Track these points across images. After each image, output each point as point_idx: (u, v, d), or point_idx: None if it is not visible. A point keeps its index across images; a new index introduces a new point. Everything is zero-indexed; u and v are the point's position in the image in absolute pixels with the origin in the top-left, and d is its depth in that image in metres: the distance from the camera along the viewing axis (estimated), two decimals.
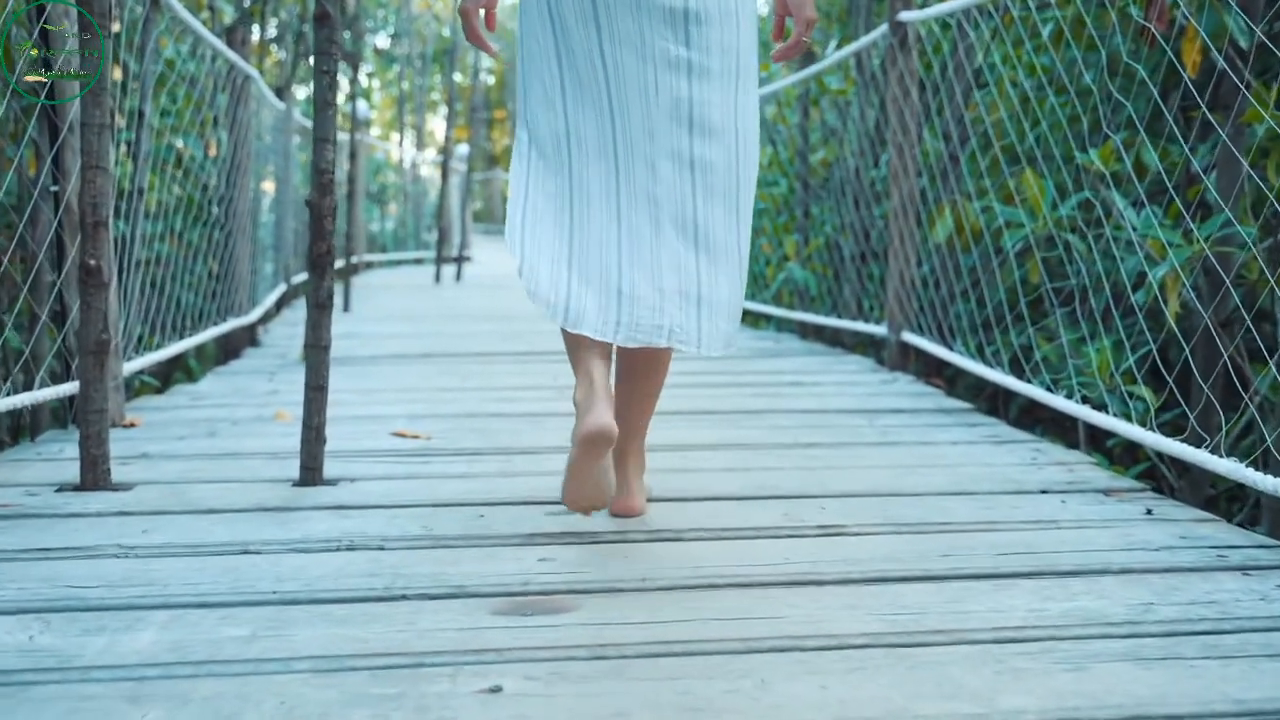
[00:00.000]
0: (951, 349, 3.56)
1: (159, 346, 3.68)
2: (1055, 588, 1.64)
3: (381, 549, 1.82)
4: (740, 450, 2.61)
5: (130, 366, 3.13)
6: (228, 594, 1.59)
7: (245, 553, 1.79)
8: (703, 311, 1.82)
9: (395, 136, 19.13)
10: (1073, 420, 3.05)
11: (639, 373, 1.94)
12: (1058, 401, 2.67)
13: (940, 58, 3.87)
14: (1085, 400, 2.65)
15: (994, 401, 4.23)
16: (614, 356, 1.89)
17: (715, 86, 1.81)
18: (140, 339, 3.61)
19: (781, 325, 5.83)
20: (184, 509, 2.06)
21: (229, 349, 4.84)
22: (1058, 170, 3.32)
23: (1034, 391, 2.81)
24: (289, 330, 5.60)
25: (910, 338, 3.92)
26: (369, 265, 12.03)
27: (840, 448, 2.65)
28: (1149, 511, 2.08)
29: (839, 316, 4.89)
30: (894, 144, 3.95)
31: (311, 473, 2.26)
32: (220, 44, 4.34)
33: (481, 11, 1.91)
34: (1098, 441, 3.28)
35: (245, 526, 1.94)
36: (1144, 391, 2.58)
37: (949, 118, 3.87)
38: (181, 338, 3.89)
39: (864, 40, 4.36)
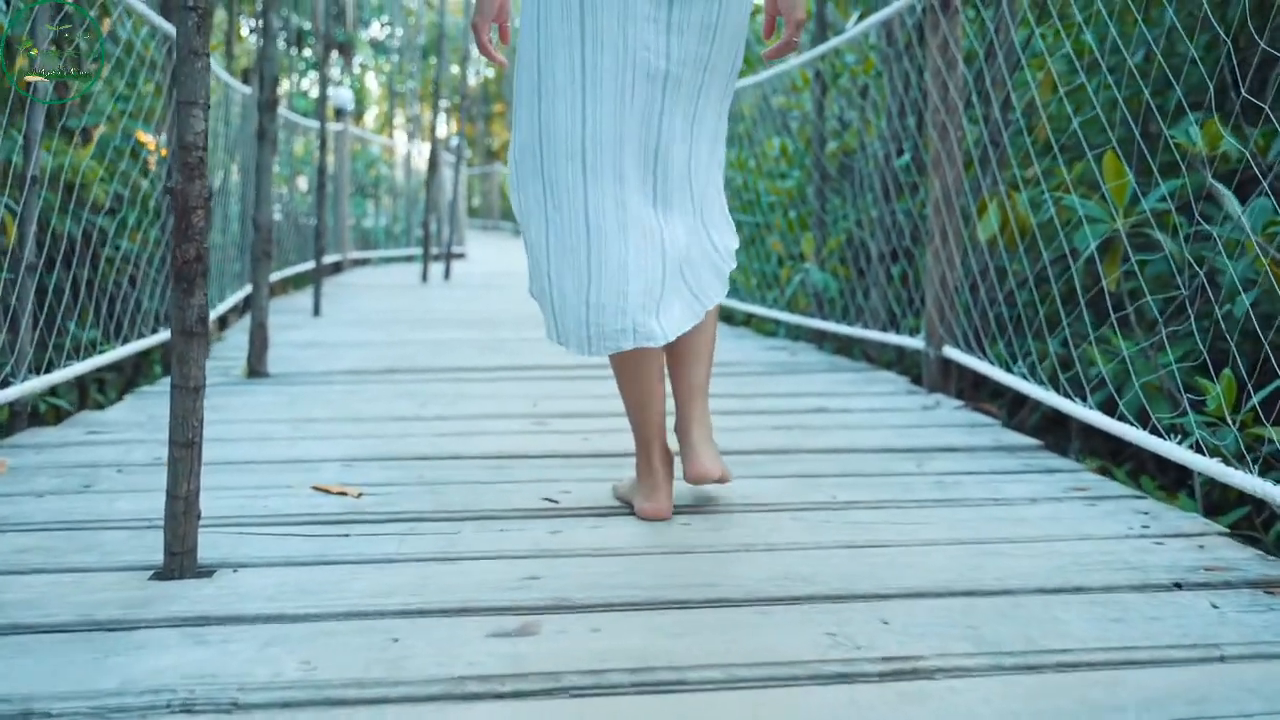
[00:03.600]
0: (1011, 370, 2.95)
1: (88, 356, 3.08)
2: None
3: (231, 711, 1.21)
4: (760, 515, 2.01)
5: (3, 395, 2.52)
6: None
7: None
8: (663, 304, 1.87)
9: (390, 129, 18.55)
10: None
11: (685, 351, 1.98)
12: (1178, 453, 2.05)
13: (997, 15, 3.25)
14: (1202, 447, 2.03)
15: (1013, 408, 3.65)
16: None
17: (688, 82, 1.85)
18: (83, 347, 3.00)
19: (793, 331, 5.21)
20: None
21: (169, 361, 4.24)
22: (1138, 154, 2.70)
23: (1151, 442, 2.17)
24: (246, 339, 4.97)
25: (954, 354, 3.31)
26: (365, 262, 11.47)
27: (889, 510, 2.04)
28: None
29: (864, 325, 4.27)
30: (935, 124, 3.33)
31: (178, 559, 1.65)
32: (148, 11, 3.72)
33: (495, 25, 1.96)
34: (1161, 468, 2.68)
35: (45, 663, 1.33)
36: None
37: (1011, 94, 3.25)
38: (81, 358, 3.24)
39: (894, 6, 3.73)
